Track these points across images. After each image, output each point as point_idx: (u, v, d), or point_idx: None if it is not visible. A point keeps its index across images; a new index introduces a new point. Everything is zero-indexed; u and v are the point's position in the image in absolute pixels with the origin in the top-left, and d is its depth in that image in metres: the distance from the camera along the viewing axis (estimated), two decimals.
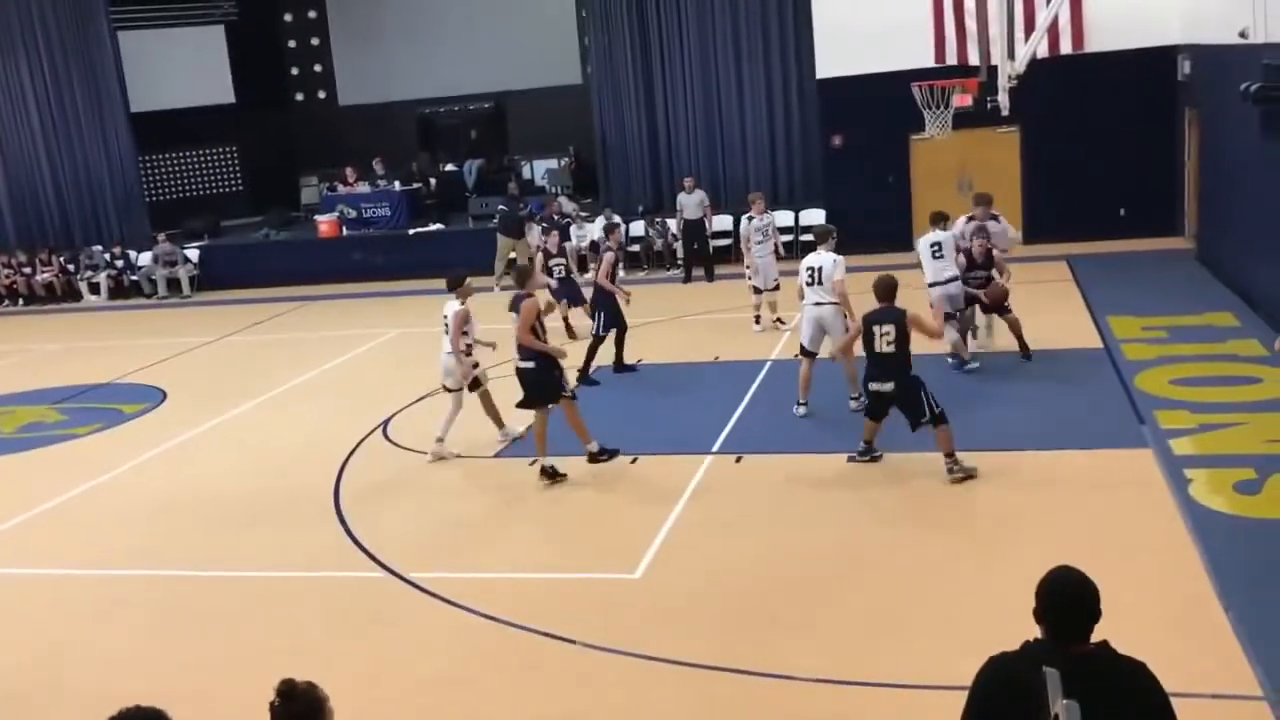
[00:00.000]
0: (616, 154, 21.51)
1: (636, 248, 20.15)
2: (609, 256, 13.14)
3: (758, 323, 14.73)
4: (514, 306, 9.86)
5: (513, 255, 19.05)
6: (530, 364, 9.72)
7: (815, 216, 19.90)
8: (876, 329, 9.12)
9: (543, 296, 11.44)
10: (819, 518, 8.56)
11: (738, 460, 9.90)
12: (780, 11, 20.14)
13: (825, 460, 9.71)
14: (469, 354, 10.58)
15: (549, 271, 14.49)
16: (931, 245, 11.78)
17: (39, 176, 23.63)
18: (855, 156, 19.20)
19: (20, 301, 22.77)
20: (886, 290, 9.32)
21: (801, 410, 10.95)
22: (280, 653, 7.01)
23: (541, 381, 9.72)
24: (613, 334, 13.00)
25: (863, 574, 7.53)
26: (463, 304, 10.50)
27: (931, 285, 11.77)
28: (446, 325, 10.54)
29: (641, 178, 21.37)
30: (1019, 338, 12.00)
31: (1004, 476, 9.01)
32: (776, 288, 14.61)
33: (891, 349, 9.01)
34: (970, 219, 12.37)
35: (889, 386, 9.06)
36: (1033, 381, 11.43)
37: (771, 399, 11.68)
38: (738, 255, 19.18)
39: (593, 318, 13.00)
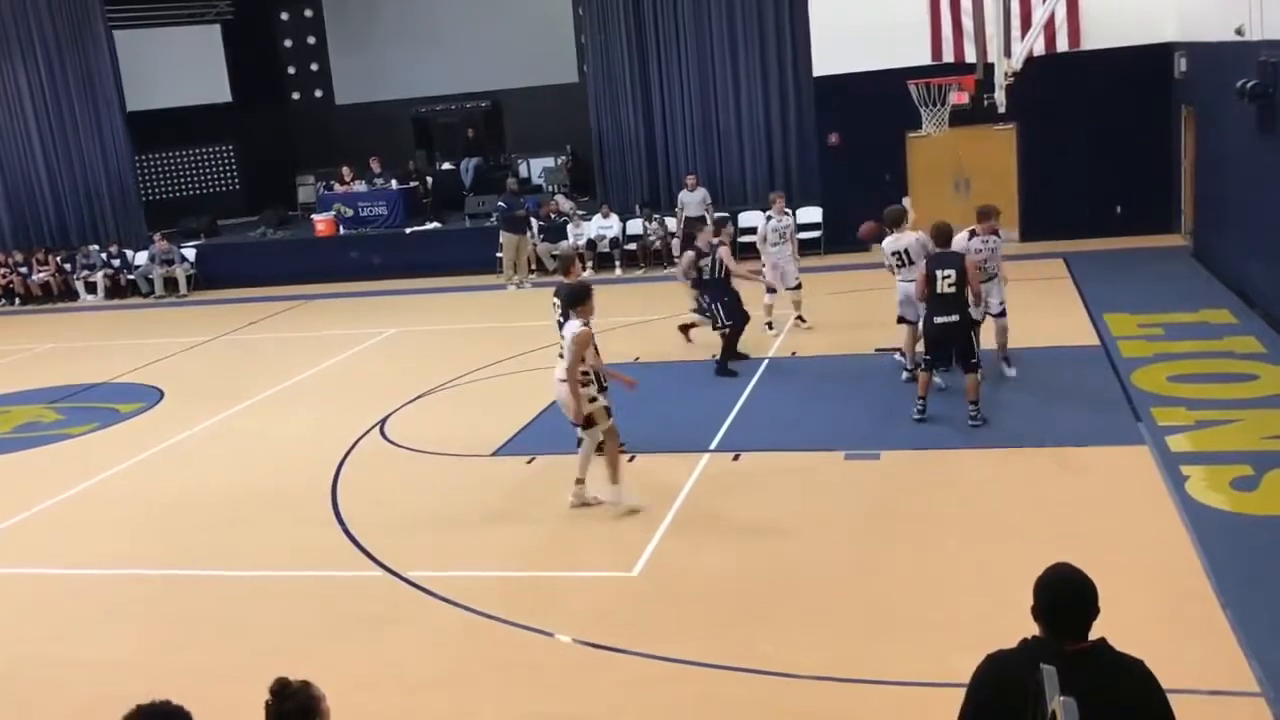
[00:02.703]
0: (613, 152, 21.52)
1: (634, 246, 20.16)
2: (725, 250, 12.84)
3: (770, 328, 14.22)
4: (560, 293, 9.60)
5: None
6: None
7: (812, 214, 19.94)
8: (939, 273, 9.92)
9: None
10: (818, 515, 8.56)
11: (735, 458, 9.91)
12: (777, 8, 20.12)
13: (823, 457, 9.72)
14: (585, 385, 8.81)
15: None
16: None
17: (35, 176, 23.61)
18: (852, 154, 19.22)
19: (17, 301, 22.75)
20: (944, 236, 10.23)
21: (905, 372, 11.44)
22: (277, 652, 7.00)
23: None
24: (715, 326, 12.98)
25: (862, 571, 7.54)
26: (585, 324, 8.72)
27: None
28: (563, 350, 8.89)
29: (638, 176, 21.37)
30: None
31: (1001, 473, 9.02)
32: (798, 286, 14.27)
33: (953, 289, 9.92)
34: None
35: (954, 318, 9.94)
36: (1029, 379, 11.43)
37: (769, 396, 11.69)
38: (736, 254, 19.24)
39: (711, 310, 12.82)
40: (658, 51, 20.87)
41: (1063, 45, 17.90)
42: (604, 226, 20.28)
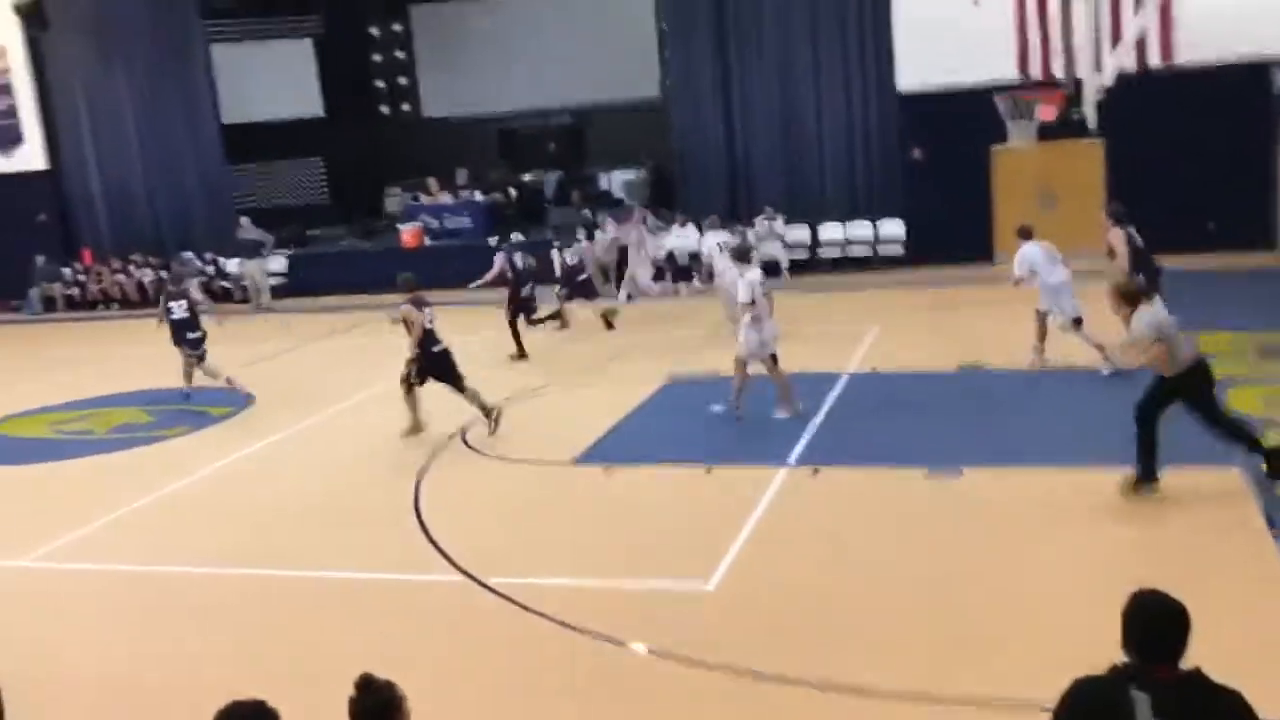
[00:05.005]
0: (693, 166, 21.54)
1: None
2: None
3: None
4: None
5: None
6: None
7: (894, 228, 19.79)
8: (427, 310, 11.54)
9: None
10: (899, 532, 8.47)
11: (815, 472, 9.85)
12: (861, 23, 19.98)
13: (904, 474, 9.61)
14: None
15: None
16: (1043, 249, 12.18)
17: (134, 185, 24.33)
18: (936, 168, 19.02)
19: (115, 306, 23.49)
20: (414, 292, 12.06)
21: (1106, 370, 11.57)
22: (356, 653, 7.07)
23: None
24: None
25: (943, 590, 7.44)
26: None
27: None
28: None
29: (718, 189, 21.35)
30: None
31: (1087, 492, 8.83)
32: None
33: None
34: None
35: (443, 346, 11.67)
36: (1114, 396, 11.16)
37: (850, 411, 11.60)
38: (814, 267, 19.29)
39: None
40: (740, 65, 20.86)
41: (1155, 60, 17.52)
42: (681, 236, 20.30)
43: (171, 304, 14.09)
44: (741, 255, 12.08)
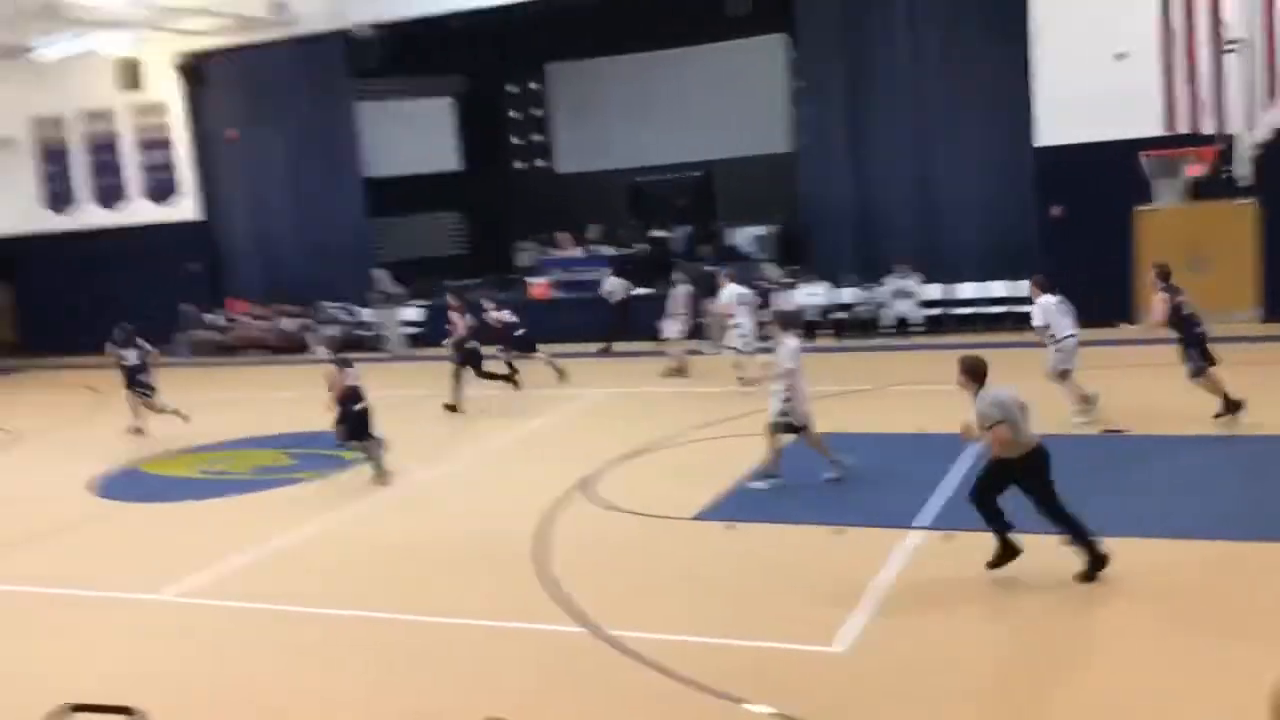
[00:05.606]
0: (823, 222, 21.38)
1: (844, 315, 19.96)
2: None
3: (742, 384, 15.39)
4: None
5: None
6: None
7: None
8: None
9: None
10: (1034, 601, 8.16)
11: (946, 536, 9.56)
12: (997, 78, 19.59)
13: (1040, 540, 9.23)
14: None
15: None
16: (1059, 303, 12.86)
17: (281, 236, 25.36)
18: (1076, 227, 18.50)
19: (256, 352, 24.46)
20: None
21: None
22: (477, 700, 7.10)
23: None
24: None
25: (1079, 665, 7.11)
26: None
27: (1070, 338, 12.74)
28: None
29: (848, 245, 21.15)
30: None
31: (1238, 566, 8.37)
32: (755, 352, 15.39)
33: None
34: None
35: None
36: (1262, 469, 10.62)
37: None
38: (947, 326, 18.93)
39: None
40: (873, 120, 20.67)
41: None
42: (811, 294, 20.18)
43: (124, 351, 16.43)
44: (787, 321, 11.80)
